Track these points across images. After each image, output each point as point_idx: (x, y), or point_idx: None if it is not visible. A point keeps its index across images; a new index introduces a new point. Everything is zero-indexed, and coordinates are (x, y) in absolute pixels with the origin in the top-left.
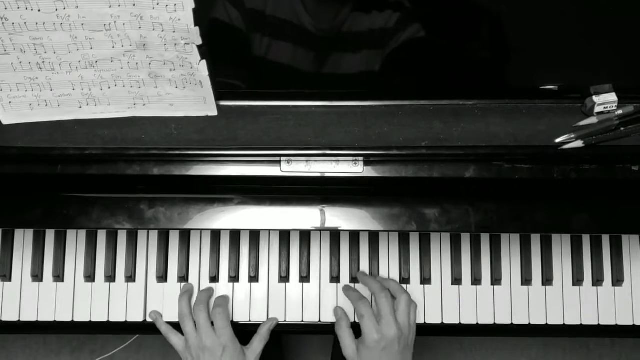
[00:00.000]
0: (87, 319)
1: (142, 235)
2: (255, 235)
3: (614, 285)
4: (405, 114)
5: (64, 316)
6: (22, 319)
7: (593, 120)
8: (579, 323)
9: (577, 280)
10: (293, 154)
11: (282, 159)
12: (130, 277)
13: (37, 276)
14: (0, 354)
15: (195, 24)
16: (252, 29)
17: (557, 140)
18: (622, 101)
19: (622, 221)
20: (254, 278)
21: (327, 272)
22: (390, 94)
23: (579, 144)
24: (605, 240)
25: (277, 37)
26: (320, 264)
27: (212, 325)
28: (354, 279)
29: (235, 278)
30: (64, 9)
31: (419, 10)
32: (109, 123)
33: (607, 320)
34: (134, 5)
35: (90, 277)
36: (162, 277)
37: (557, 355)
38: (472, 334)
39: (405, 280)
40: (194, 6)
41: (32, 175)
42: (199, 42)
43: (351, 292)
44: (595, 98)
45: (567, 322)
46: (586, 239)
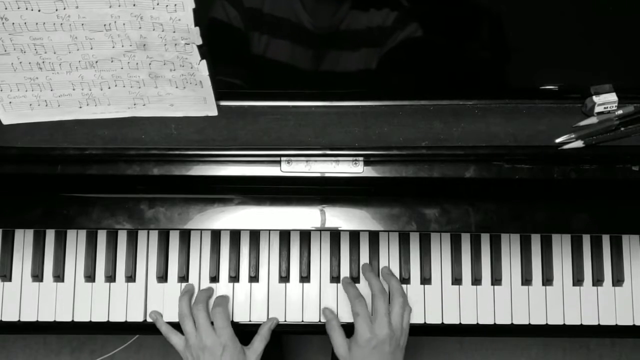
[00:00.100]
0: (87, 319)
1: (142, 235)
2: (255, 235)
3: (614, 285)
4: (405, 114)
5: (64, 316)
6: (22, 319)
7: (593, 120)
8: (579, 323)
9: (577, 280)
10: (293, 154)
11: (282, 159)
12: (131, 277)
13: (37, 276)
14: (0, 354)
15: (196, 24)
16: (250, 28)
17: (557, 140)
18: (622, 101)
19: (622, 221)
20: (254, 278)
21: (327, 272)
22: (391, 93)
23: (579, 144)
24: (606, 240)
25: (276, 36)
26: (320, 264)
27: (213, 325)
28: (355, 279)
29: (235, 278)
30: (64, 9)
31: (418, 10)
32: (109, 123)
33: (607, 320)
34: (134, 5)
35: (90, 277)
36: (162, 277)
37: (557, 355)
38: (472, 334)
39: (405, 280)
40: (194, 6)
41: (32, 175)
42: (199, 42)
43: (350, 288)
44: (595, 98)
45: (567, 322)
46: (586, 239)
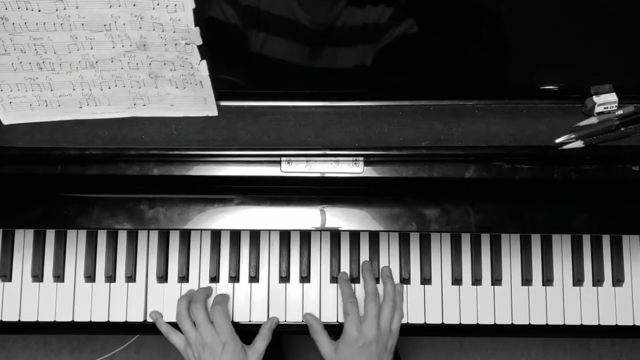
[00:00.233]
0: (87, 319)
1: (142, 235)
2: (255, 235)
3: (614, 285)
4: (405, 114)
5: (64, 316)
6: (23, 319)
7: (593, 120)
8: (579, 323)
9: (578, 281)
10: (293, 154)
11: (282, 159)
12: (131, 277)
13: (38, 276)
14: (0, 354)
15: (196, 24)
16: (248, 26)
17: (557, 141)
18: (622, 101)
19: (622, 221)
20: (254, 278)
21: (328, 272)
22: (390, 94)
23: (579, 144)
24: (606, 240)
25: (274, 33)
26: (320, 264)
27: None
28: (355, 279)
29: (235, 278)
30: (64, 9)
31: (418, 10)
32: (109, 123)
33: (608, 320)
34: (134, 5)
35: (90, 277)
36: (163, 278)
37: (557, 355)
38: (472, 334)
39: (405, 280)
40: (194, 6)
41: (33, 175)
42: (199, 42)
43: (345, 287)
44: (595, 98)
45: (568, 322)
46: (586, 239)
